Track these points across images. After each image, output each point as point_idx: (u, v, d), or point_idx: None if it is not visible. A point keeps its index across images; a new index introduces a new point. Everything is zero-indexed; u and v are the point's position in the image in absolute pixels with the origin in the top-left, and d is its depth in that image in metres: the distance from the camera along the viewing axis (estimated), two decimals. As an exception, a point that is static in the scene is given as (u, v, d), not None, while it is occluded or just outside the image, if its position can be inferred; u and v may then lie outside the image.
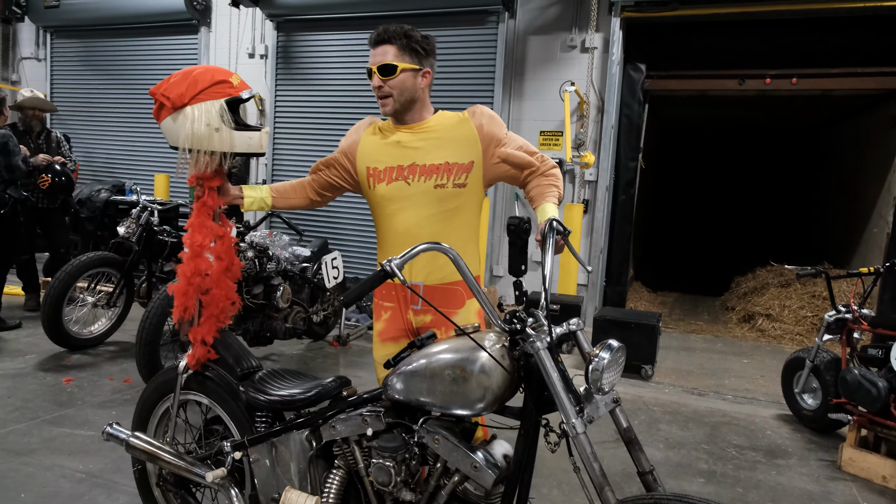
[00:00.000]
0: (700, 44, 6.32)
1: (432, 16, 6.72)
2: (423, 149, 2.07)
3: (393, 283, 2.13)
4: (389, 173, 2.10)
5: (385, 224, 2.15)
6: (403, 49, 2.03)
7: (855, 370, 3.56)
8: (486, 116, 2.09)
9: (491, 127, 2.08)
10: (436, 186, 2.05)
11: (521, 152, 2.10)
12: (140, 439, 2.21)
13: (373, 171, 2.13)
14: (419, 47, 2.04)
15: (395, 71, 2.01)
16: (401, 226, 2.10)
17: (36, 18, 8.73)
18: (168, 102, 1.95)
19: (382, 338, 2.21)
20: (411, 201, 2.07)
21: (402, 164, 2.08)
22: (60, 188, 5.76)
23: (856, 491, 3.34)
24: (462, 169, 2.05)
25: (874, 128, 8.48)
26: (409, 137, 2.10)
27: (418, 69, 2.05)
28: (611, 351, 1.54)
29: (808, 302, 7.18)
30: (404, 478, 1.73)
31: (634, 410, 4.36)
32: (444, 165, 2.05)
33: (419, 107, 2.10)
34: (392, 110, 2.08)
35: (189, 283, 2.09)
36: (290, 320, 4.77)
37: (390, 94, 2.04)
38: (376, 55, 2.05)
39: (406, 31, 2.04)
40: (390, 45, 2.03)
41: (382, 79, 2.03)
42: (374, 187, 2.13)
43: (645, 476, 1.63)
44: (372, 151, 2.15)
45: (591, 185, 6.35)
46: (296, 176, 7.65)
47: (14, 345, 4.90)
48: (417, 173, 2.06)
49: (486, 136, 2.07)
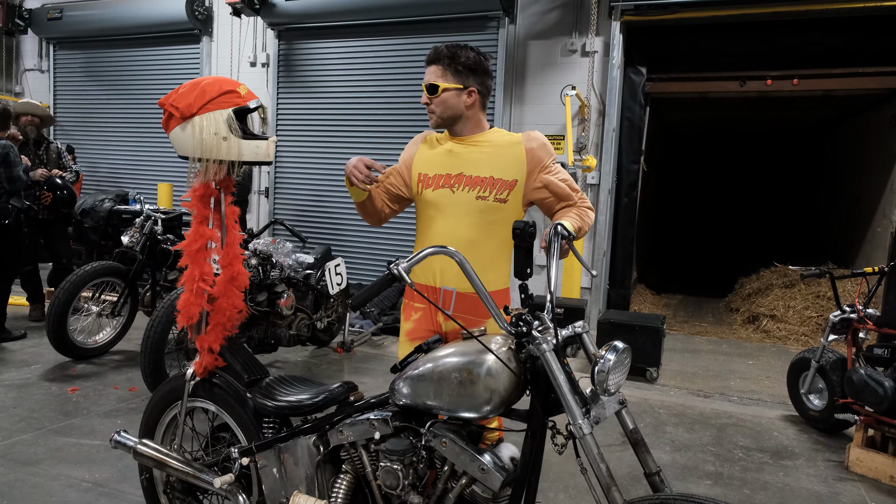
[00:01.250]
0: (700, 46, 6.33)
1: (433, 22, 6.75)
2: (472, 161, 2.18)
3: (425, 286, 2.22)
4: (437, 180, 2.21)
5: (425, 228, 2.25)
6: (448, 69, 2.16)
7: (861, 370, 3.55)
8: (537, 142, 2.19)
9: (539, 152, 2.18)
10: (478, 198, 2.15)
11: (564, 184, 2.19)
12: (148, 446, 2.22)
13: (423, 177, 2.24)
14: (464, 67, 2.16)
15: (437, 90, 2.16)
16: (439, 231, 2.19)
17: (39, 30, 8.79)
18: (177, 113, 1.98)
19: (411, 337, 2.26)
20: (453, 209, 2.17)
21: (451, 173, 2.19)
22: (63, 202, 5.81)
23: (864, 491, 3.33)
24: (505, 185, 2.15)
25: (876, 127, 8.48)
26: (460, 148, 2.21)
27: (461, 88, 2.17)
28: (616, 352, 1.55)
29: (812, 302, 7.17)
30: (412, 481, 1.74)
31: (640, 413, 4.35)
32: (488, 179, 2.15)
33: (467, 122, 2.22)
34: (434, 124, 2.24)
35: (189, 289, 2.10)
36: (294, 327, 4.78)
37: (434, 110, 2.20)
38: (427, 74, 2.21)
39: (454, 53, 2.16)
40: (437, 65, 2.17)
41: (429, 96, 2.19)
42: (421, 192, 2.24)
43: (652, 477, 1.63)
44: (426, 159, 2.27)
45: (593, 188, 6.36)
46: (298, 183, 7.68)
47: (19, 355, 4.92)
48: (463, 183, 2.17)
49: (533, 159, 2.17)
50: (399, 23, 6.87)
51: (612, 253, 6.57)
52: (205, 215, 2.12)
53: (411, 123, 7.04)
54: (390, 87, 7.11)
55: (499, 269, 2.20)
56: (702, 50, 6.35)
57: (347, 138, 7.39)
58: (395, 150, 7.15)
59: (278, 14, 7.20)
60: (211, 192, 2.12)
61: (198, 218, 2.11)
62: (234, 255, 2.16)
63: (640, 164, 6.58)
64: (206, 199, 2.12)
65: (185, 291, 2.12)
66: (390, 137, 7.17)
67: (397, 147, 7.15)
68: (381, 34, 7.07)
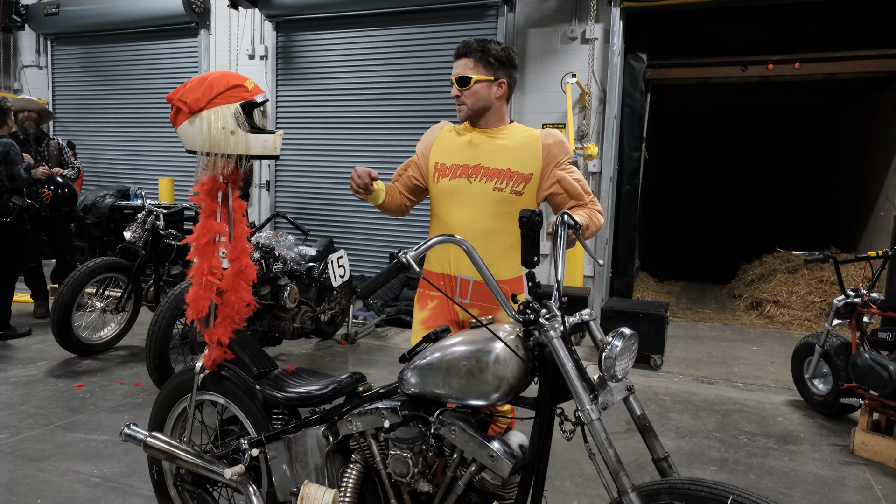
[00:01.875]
0: (701, 31, 6.29)
1: (431, 11, 6.72)
2: (491, 153, 2.23)
3: (441, 274, 2.27)
4: (454, 170, 2.25)
5: (442, 217, 2.28)
6: (479, 62, 2.20)
7: (865, 354, 3.55)
8: (555, 139, 2.25)
9: (555, 149, 2.23)
10: (494, 189, 2.20)
11: (577, 184, 2.23)
12: (158, 439, 2.23)
13: (440, 166, 2.28)
14: (494, 59, 2.20)
15: (469, 82, 2.19)
16: (456, 220, 2.23)
17: (36, 26, 8.75)
18: (185, 107, 2.00)
19: (426, 326, 2.29)
20: (470, 199, 2.22)
21: (469, 164, 2.24)
22: (64, 200, 5.81)
23: (869, 475, 3.34)
24: (522, 178, 2.20)
25: (878, 111, 8.44)
26: (481, 139, 2.26)
27: (492, 80, 2.22)
28: (623, 338, 1.55)
29: (815, 287, 7.17)
30: (421, 469, 1.75)
31: (645, 400, 4.37)
32: (506, 171, 2.20)
33: (493, 114, 2.27)
34: (465, 116, 2.26)
35: (198, 283, 2.12)
36: (298, 320, 4.79)
37: (465, 102, 2.23)
38: (456, 67, 2.24)
39: (484, 46, 2.21)
40: (468, 58, 2.21)
41: (459, 89, 2.22)
42: (437, 182, 2.28)
43: (660, 462, 1.64)
44: (444, 148, 2.31)
45: (594, 176, 6.35)
46: (299, 176, 7.67)
47: (25, 352, 4.93)
48: (480, 174, 2.22)
49: (550, 155, 2.22)
50: (397, 12, 6.84)
51: (614, 241, 6.57)
52: (213, 209, 2.12)
53: (411, 112, 7.03)
54: (390, 78, 7.08)
55: (513, 258, 2.24)
56: (702, 35, 6.32)
57: (348, 129, 7.37)
58: (396, 139, 7.14)
59: (276, 6, 7.17)
60: (219, 186, 2.12)
61: (206, 212, 2.12)
62: (242, 249, 2.17)
63: (641, 151, 6.56)
64: (214, 194, 2.13)
65: (194, 285, 2.13)
66: (391, 127, 7.15)
67: (398, 136, 7.14)
68: (380, 24, 7.03)
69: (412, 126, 7.02)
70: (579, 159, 6.27)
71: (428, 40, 6.85)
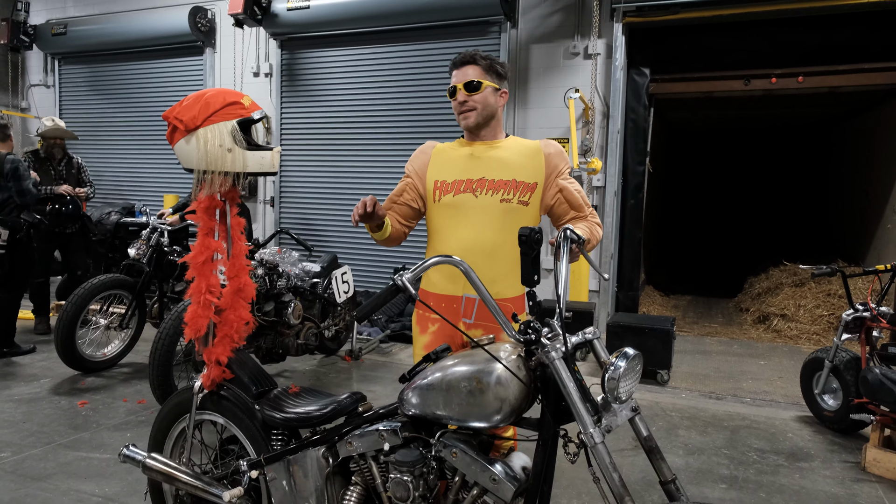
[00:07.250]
0: (704, 45, 6.30)
1: (434, 28, 6.75)
2: (494, 164, 2.21)
3: (441, 296, 2.22)
4: (458, 185, 2.21)
5: (446, 234, 2.22)
6: (486, 69, 2.21)
7: (876, 369, 3.50)
8: (555, 148, 2.26)
9: (556, 158, 2.24)
10: (502, 200, 2.17)
11: (578, 195, 2.23)
12: (156, 460, 2.20)
13: (440, 183, 2.24)
14: (499, 68, 2.23)
15: (480, 87, 2.18)
16: (461, 236, 2.19)
17: (44, 46, 8.85)
18: (181, 125, 1.99)
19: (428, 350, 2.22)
20: (476, 213, 2.18)
21: (472, 178, 2.20)
22: (67, 217, 5.87)
23: (882, 492, 3.28)
24: (527, 188, 2.19)
25: (883, 123, 8.41)
26: (481, 152, 2.24)
27: (498, 88, 2.24)
28: (627, 359, 1.52)
29: (823, 301, 7.10)
30: (422, 492, 1.72)
31: (652, 417, 4.31)
32: (511, 182, 2.18)
33: (495, 124, 2.27)
34: (474, 122, 2.22)
35: (196, 302, 2.10)
36: (302, 336, 4.77)
37: (474, 107, 2.20)
38: (460, 74, 2.22)
39: (487, 55, 2.24)
40: (475, 65, 2.21)
41: (468, 94, 2.19)
42: (439, 199, 2.23)
43: (667, 485, 1.60)
44: (443, 165, 2.27)
45: (599, 190, 6.33)
46: (304, 192, 7.68)
47: (28, 369, 4.93)
48: (486, 187, 2.19)
49: (551, 164, 2.22)
50: (401, 30, 6.87)
51: (619, 255, 6.54)
52: (210, 227, 2.11)
53: (416, 129, 7.04)
54: (394, 94, 7.11)
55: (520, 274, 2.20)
56: (705, 49, 6.32)
57: (352, 146, 7.39)
58: (400, 157, 7.15)
59: (280, 24, 7.22)
60: (216, 204, 2.11)
61: (203, 230, 2.10)
62: (241, 267, 2.16)
63: (645, 165, 6.55)
64: (212, 211, 2.11)
65: (192, 304, 2.11)
66: (395, 144, 7.16)
67: (402, 154, 7.14)
68: (383, 41, 7.07)
69: (416, 143, 7.01)
70: (583, 174, 6.26)
71: (431, 57, 6.87)
